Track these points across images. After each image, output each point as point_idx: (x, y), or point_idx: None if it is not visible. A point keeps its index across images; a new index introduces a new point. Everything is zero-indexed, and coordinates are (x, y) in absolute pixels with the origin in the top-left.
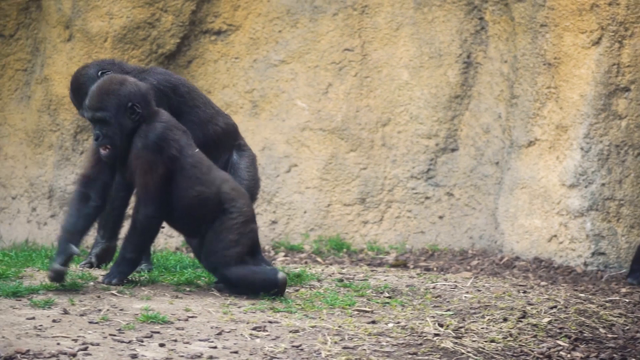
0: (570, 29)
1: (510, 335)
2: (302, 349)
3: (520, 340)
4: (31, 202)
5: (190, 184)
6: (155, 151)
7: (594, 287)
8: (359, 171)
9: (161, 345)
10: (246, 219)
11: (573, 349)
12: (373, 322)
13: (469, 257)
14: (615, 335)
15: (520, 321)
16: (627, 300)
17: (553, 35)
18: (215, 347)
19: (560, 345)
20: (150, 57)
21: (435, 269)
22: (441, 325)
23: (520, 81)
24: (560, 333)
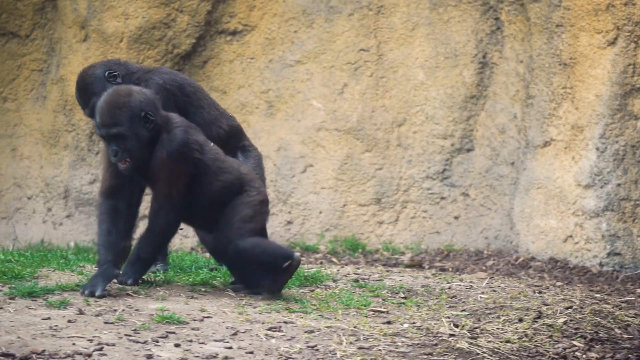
0: (586, 29)
1: (526, 335)
2: (317, 350)
3: (535, 341)
4: (47, 203)
5: (215, 177)
6: (180, 159)
7: (609, 288)
8: (375, 171)
9: (176, 345)
10: (263, 198)
11: (588, 350)
12: (388, 322)
13: (484, 258)
14: (631, 336)
15: (536, 321)
16: None
17: (569, 35)
18: (230, 348)
19: (575, 345)
20: (165, 58)
21: (450, 269)
22: (456, 326)
23: (536, 81)
24: (576, 333)
